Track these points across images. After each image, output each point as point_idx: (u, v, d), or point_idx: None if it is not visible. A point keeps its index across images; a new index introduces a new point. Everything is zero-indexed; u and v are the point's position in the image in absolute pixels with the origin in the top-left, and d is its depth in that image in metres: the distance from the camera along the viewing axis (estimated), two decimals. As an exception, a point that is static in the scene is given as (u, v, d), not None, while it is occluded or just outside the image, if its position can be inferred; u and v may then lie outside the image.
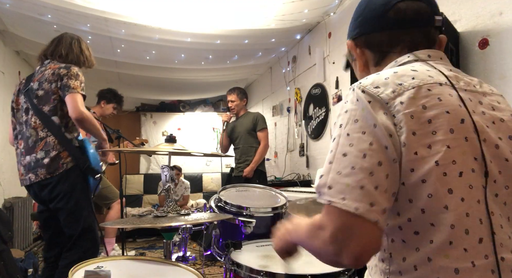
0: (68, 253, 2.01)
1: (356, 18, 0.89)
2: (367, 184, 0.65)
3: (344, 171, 0.67)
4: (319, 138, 3.94)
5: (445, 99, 0.71)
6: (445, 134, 0.68)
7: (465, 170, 0.68)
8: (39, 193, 2.03)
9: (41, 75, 2.07)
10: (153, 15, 3.34)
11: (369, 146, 0.67)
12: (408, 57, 0.82)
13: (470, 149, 0.69)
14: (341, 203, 0.65)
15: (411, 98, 0.70)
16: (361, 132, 0.69)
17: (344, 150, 0.69)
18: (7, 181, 4.00)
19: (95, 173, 2.03)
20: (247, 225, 1.64)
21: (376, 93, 0.71)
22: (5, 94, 4.09)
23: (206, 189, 6.68)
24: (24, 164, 2.04)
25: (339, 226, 0.66)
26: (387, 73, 0.76)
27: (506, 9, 1.92)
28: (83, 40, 2.29)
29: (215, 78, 5.57)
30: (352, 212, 0.64)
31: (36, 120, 2.02)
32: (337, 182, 0.67)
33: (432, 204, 0.67)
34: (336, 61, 3.60)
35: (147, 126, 6.94)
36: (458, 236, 0.66)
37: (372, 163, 0.66)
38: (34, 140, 2.01)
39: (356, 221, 0.65)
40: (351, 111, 0.72)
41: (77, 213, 2.01)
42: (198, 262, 3.64)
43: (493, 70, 1.99)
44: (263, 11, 3.31)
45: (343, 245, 0.66)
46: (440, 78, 0.75)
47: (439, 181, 0.67)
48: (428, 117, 0.69)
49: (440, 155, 0.67)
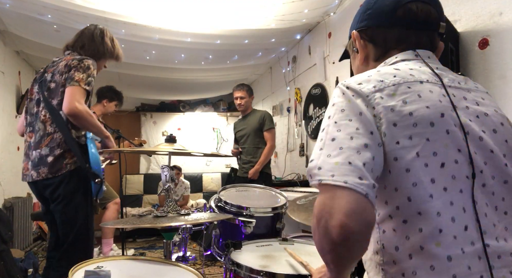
0: (59, 264, 1.92)
1: (365, 11, 0.90)
2: (354, 160, 0.67)
3: (333, 153, 0.69)
4: (319, 138, 3.93)
5: (425, 95, 0.74)
6: (425, 128, 0.71)
7: (447, 161, 0.70)
8: (42, 191, 1.97)
9: (56, 66, 2.00)
10: (153, 15, 3.34)
11: (356, 130, 0.71)
12: (396, 57, 0.86)
13: (452, 141, 0.72)
14: (330, 179, 0.66)
15: (391, 94, 0.74)
16: (347, 119, 0.72)
17: (332, 136, 0.72)
18: (7, 181, 4.00)
19: (95, 177, 1.94)
20: (247, 225, 1.64)
21: (358, 88, 0.75)
22: (5, 94, 4.09)
23: (206, 189, 6.68)
24: (31, 159, 1.96)
25: (324, 200, 0.67)
26: (370, 72, 0.80)
27: (506, 9, 1.92)
28: (108, 31, 2.21)
29: (215, 78, 5.57)
30: (341, 185, 0.65)
31: (46, 114, 1.94)
32: (327, 163, 0.69)
33: (417, 192, 0.69)
34: (336, 61, 3.60)
35: (147, 126, 6.94)
36: (446, 224, 0.68)
37: (359, 144, 0.69)
38: (41, 134, 1.94)
39: (343, 191, 0.65)
40: (338, 103, 0.76)
41: (74, 219, 1.92)
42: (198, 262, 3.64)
43: (493, 70, 1.99)
44: (263, 11, 3.31)
45: (327, 218, 0.64)
46: (422, 76, 0.78)
47: (421, 171, 0.69)
48: (409, 110, 0.72)
49: (420, 147, 0.70)
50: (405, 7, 0.84)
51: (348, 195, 0.64)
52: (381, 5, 0.87)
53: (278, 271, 1.22)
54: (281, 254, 1.45)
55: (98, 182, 1.96)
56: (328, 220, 0.64)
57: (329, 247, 0.66)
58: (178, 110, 7.04)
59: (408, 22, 0.84)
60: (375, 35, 0.89)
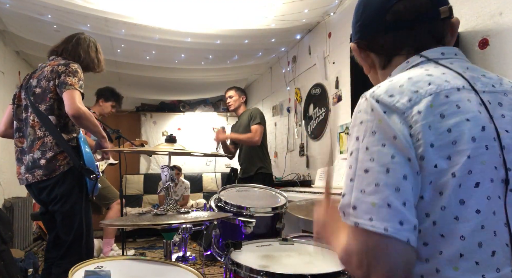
0: (62, 261, 1.96)
1: (356, 22, 0.87)
2: (394, 201, 0.62)
3: (368, 189, 0.64)
4: (319, 138, 3.94)
5: (464, 106, 0.67)
6: (467, 144, 0.64)
7: (482, 180, 0.64)
8: (38, 195, 2.02)
9: (41, 72, 2.04)
10: (153, 15, 3.34)
11: (391, 160, 0.64)
12: (420, 57, 0.77)
13: (489, 158, 0.65)
14: (368, 224, 0.62)
15: (428, 106, 0.66)
16: (380, 144, 0.65)
17: (365, 166, 0.65)
18: (7, 181, 4.00)
19: (90, 173, 1.97)
20: (247, 225, 1.64)
21: (391, 102, 0.67)
22: (5, 94, 4.09)
23: (206, 189, 6.68)
24: (25, 163, 2.02)
25: (365, 250, 0.63)
26: (401, 79, 0.71)
27: (506, 9, 1.92)
28: (99, 45, 2.27)
29: (215, 78, 5.57)
30: (381, 233, 0.61)
31: (35, 118, 1.99)
32: (362, 202, 0.64)
33: (444, 216, 0.64)
34: (336, 61, 3.60)
35: (147, 126, 6.94)
36: (471, 249, 0.63)
37: (397, 178, 0.63)
38: (32, 139, 1.99)
39: (385, 242, 0.61)
40: (367, 122, 0.68)
41: (72, 217, 1.96)
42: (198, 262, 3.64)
43: (493, 70, 1.98)
44: (263, 11, 3.31)
45: (371, 268, 0.63)
46: (458, 81, 0.71)
47: (453, 192, 0.64)
48: (447, 126, 0.65)
49: (458, 166, 0.63)
50: (392, 11, 0.78)
51: (391, 246, 0.61)
52: (368, 14, 0.83)
53: (278, 271, 1.22)
54: (281, 254, 1.45)
55: (93, 178, 1.99)
56: (371, 268, 0.63)
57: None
58: (178, 110, 7.04)
59: (399, 25, 0.78)
60: (371, 44, 0.85)
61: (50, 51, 2.18)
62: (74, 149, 2.01)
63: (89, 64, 2.20)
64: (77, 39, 2.18)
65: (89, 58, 2.18)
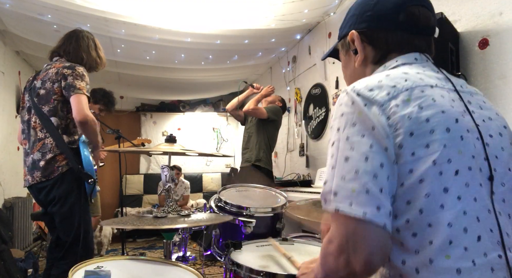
0: (62, 262, 1.96)
1: (364, 12, 0.87)
2: (372, 187, 0.65)
3: (348, 176, 0.67)
4: (319, 138, 3.94)
5: (438, 100, 0.72)
6: (442, 133, 0.68)
7: (461, 168, 0.68)
8: (37, 195, 2.02)
9: (45, 73, 2.04)
10: (153, 15, 3.34)
11: (370, 149, 0.68)
12: (396, 61, 0.83)
13: (465, 148, 0.70)
14: (348, 209, 0.65)
15: (405, 100, 0.70)
16: (360, 135, 0.69)
17: (345, 154, 0.69)
18: (7, 181, 4.00)
19: (88, 178, 1.98)
20: (247, 225, 1.64)
21: (371, 96, 0.71)
22: (5, 94, 4.09)
23: (206, 189, 6.68)
24: (27, 165, 2.02)
25: (346, 234, 0.66)
26: (379, 76, 0.76)
27: (506, 9, 1.92)
28: (97, 40, 2.26)
29: (215, 78, 5.57)
30: (360, 217, 0.64)
31: (36, 120, 2.00)
32: (342, 188, 0.67)
33: (429, 204, 0.67)
34: (336, 61, 3.58)
35: (147, 126, 6.94)
36: (457, 235, 0.66)
37: (375, 165, 0.66)
38: (33, 140, 1.99)
39: (364, 226, 0.65)
40: (348, 114, 0.72)
41: (71, 219, 1.96)
42: (198, 262, 3.65)
43: (493, 70, 1.98)
44: (263, 11, 3.31)
45: (351, 252, 0.65)
46: (431, 80, 0.76)
47: (435, 180, 0.67)
48: (426, 116, 0.69)
49: (437, 154, 0.67)
50: (407, 11, 0.82)
51: (369, 230, 0.65)
52: (382, 7, 0.85)
53: (278, 271, 1.22)
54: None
55: (91, 183, 2.00)
56: (351, 255, 0.65)
57: (346, 275, 0.68)
58: (178, 110, 7.04)
59: (410, 26, 0.83)
60: (376, 37, 0.86)
61: (51, 52, 2.18)
62: (74, 151, 2.01)
63: (92, 64, 2.21)
64: (76, 39, 2.17)
65: (91, 59, 2.19)
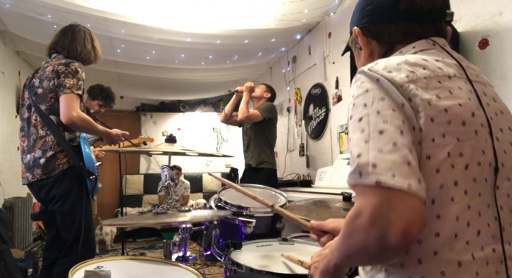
0: (63, 260, 1.96)
1: (364, 7, 0.87)
2: (412, 160, 0.62)
3: (386, 148, 0.63)
4: (319, 138, 3.93)
5: (455, 92, 0.71)
6: (457, 126, 0.67)
7: (471, 163, 0.67)
8: (38, 193, 2.02)
9: (43, 72, 2.04)
10: (153, 15, 3.34)
11: (403, 124, 0.65)
12: (414, 47, 0.81)
13: (478, 142, 0.69)
14: (391, 180, 0.60)
15: (424, 87, 0.69)
16: (391, 109, 0.66)
17: (379, 128, 0.65)
18: (7, 181, 4.00)
19: (89, 174, 1.97)
20: (247, 225, 1.64)
21: (389, 76, 0.69)
22: (5, 94, 4.09)
23: (206, 189, 6.68)
24: (25, 163, 2.02)
25: (380, 205, 0.60)
26: (397, 59, 0.74)
27: (506, 9, 1.92)
28: (93, 34, 2.25)
29: (215, 78, 5.57)
30: (405, 189, 0.59)
31: (37, 118, 1.99)
32: (382, 160, 0.62)
33: (441, 195, 0.66)
34: (336, 61, 3.60)
35: (147, 126, 6.94)
36: (462, 229, 0.66)
37: (410, 141, 0.64)
38: (34, 138, 1.99)
39: (407, 198, 0.60)
40: (374, 90, 0.69)
41: (72, 217, 1.96)
42: (198, 262, 3.65)
43: (493, 70, 1.98)
44: (263, 11, 3.31)
45: (386, 224, 0.59)
46: (449, 70, 0.74)
47: (448, 172, 0.66)
48: (444, 106, 0.67)
49: (451, 147, 0.66)
50: (408, 0, 0.80)
51: (409, 200, 0.59)
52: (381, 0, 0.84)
53: (278, 271, 1.22)
54: (281, 254, 1.45)
55: (93, 179, 1.99)
56: (387, 227, 0.59)
57: (376, 251, 0.62)
58: (178, 110, 7.04)
59: (412, 15, 0.81)
60: (379, 31, 0.85)
61: (48, 48, 2.18)
62: (75, 148, 2.02)
63: (87, 56, 2.19)
64: (72, 33, 2.17)
65: (86, 51, 2.17)
